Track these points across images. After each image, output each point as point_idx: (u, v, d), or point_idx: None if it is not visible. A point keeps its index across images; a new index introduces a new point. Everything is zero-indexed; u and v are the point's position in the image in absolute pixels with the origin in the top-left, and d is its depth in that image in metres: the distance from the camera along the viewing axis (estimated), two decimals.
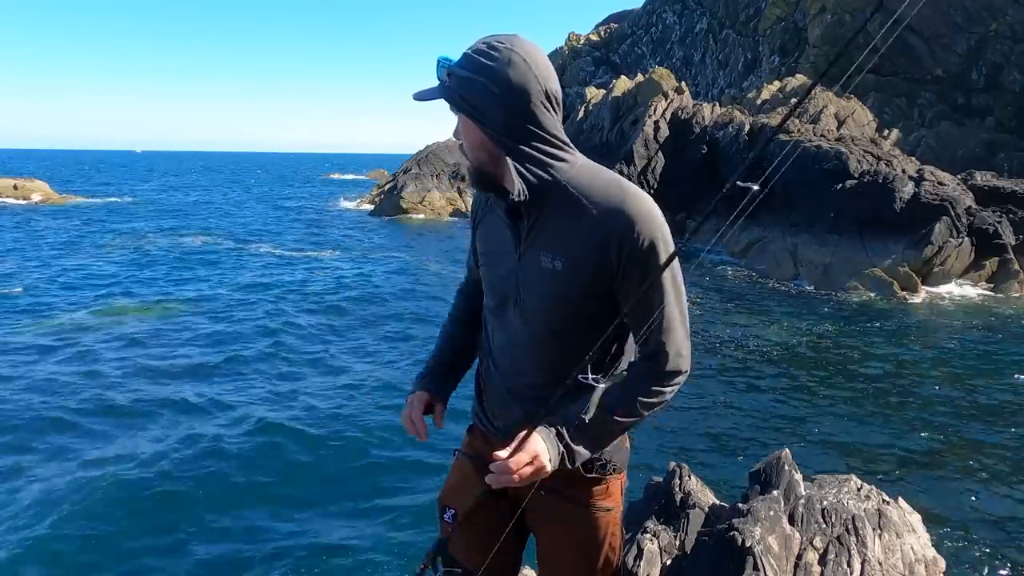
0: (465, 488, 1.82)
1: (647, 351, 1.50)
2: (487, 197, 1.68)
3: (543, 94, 1.45)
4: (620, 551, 1.82)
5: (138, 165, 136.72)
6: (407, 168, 38.38)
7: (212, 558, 5.63)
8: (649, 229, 1.45)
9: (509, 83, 1.42)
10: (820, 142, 21.92)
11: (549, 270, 1.51)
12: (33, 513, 6.20)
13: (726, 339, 12.76)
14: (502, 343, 1.67)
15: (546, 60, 1.48)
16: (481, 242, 1.72)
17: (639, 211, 1.45)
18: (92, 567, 5.52)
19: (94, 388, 9.41)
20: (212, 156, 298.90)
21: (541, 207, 1.51)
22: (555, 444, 1.45)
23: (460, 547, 1.84)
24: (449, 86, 1.47)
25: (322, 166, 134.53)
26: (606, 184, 1.50)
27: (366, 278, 19.09)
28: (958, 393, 10.04)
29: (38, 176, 50.90)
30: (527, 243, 1.55)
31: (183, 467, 7.09)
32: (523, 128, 1.45)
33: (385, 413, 8.75)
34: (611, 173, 1.54)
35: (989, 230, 17.88)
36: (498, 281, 1.65)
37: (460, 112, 1.48)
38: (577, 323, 1.54)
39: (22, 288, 16.50)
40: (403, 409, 1.81)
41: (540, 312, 1.56)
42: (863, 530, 2.78)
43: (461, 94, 1.45)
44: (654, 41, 49.23)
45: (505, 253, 1.61)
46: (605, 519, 1.73)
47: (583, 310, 1.53)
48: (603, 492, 1.71)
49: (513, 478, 1.40)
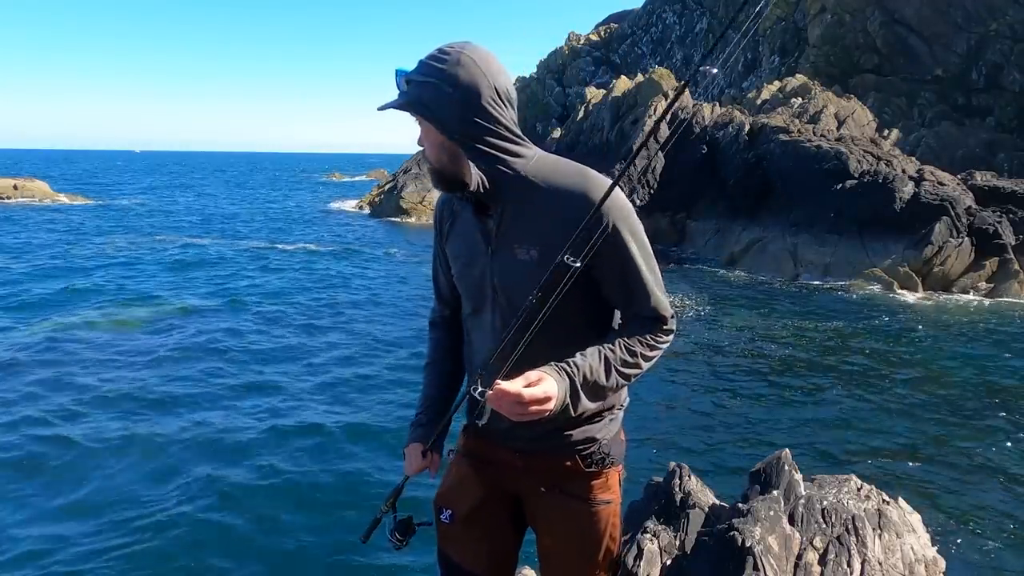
0: (463, 488, 1.82)
1: (631, 313, 1.61)
2: (452, 205, 1.71)
3: (492, 90, 1.50)
4: (620, 542, 1.84)
5: (137, 165, 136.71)
6: (407, 168, 38.39)
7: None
8: (615, 211, 1.51)
9: (458, 82, 1.48)
10: (820, 142, 21.92)
11: (525, 261, 1.55)
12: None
13: (726, 339, 12.76)
14: (483, 345, 1.67)
15: (496, 60, 1.54)
16: (452, 250, 1.73)
17: (601, 194, 1.50)
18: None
19: (87, 388, 9.42)
20: (211, 156, 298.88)
21: (506, 200, 1.56)
22: (564, 389, 1.46)
23: (459, 548, 1.84)
24: (407, 93, 1.53)
25: (322, 166, 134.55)
26: (568, 172, 1.56)
27: (365, 278, 19.10)
28: (958, 393, 10.04)
29: (38, 176, 50.91)
30: (498, 239, 1.58)
31: (183, 466, 7.10)
32: (476, 124, 1.50)
33: (383, 412, 8.76)
34: (573, 163, 1.60)
35: (989, 230, 17.87)
36: (473, 284, 1.66)
37: (418, 115, 1.53)
38: (557, 309, 1.53)
39: (21, 288, 16.51)
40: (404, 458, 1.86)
41: (519, 305, 1.55)
42: (863, 530, 2.78)
43: (418, 98, 1.51)
44: (654, 41, 49.23)
45: (478, 254, 1.63)
46: (606, 511, 1.75)
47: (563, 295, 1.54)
48: (603, 485, 1.73)
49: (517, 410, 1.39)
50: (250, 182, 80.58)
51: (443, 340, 1.92)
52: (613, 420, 1.74)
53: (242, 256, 23.13)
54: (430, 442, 1.83)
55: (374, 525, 1.91)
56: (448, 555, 1.87)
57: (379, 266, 21.36)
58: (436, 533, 1.89)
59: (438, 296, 1.91)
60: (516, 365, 1.46)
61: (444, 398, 1.89)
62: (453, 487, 1.85)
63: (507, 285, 1.59)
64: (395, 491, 1.87)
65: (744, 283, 18.84)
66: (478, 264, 1.63)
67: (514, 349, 1.49)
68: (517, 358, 1.47)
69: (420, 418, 1.88)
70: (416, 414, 1.90)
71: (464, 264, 1.69)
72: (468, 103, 1.49)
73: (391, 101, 1.56)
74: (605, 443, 1.72)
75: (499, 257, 1.59)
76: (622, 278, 1.56)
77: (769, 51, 37.86)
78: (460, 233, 1.70)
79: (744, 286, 18.46)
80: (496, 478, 1.80)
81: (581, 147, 28.43)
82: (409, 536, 1.86)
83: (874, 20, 32.00)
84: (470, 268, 1.67)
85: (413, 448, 1.83)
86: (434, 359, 1.93)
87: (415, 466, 1.83)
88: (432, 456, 1.84)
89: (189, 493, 6.61)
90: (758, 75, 37.42)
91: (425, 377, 1.93)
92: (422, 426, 1.86)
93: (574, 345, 1.54)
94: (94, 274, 18.89)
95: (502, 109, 1.53)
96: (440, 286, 1.89)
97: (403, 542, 1.85)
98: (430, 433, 1.84)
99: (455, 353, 1.89)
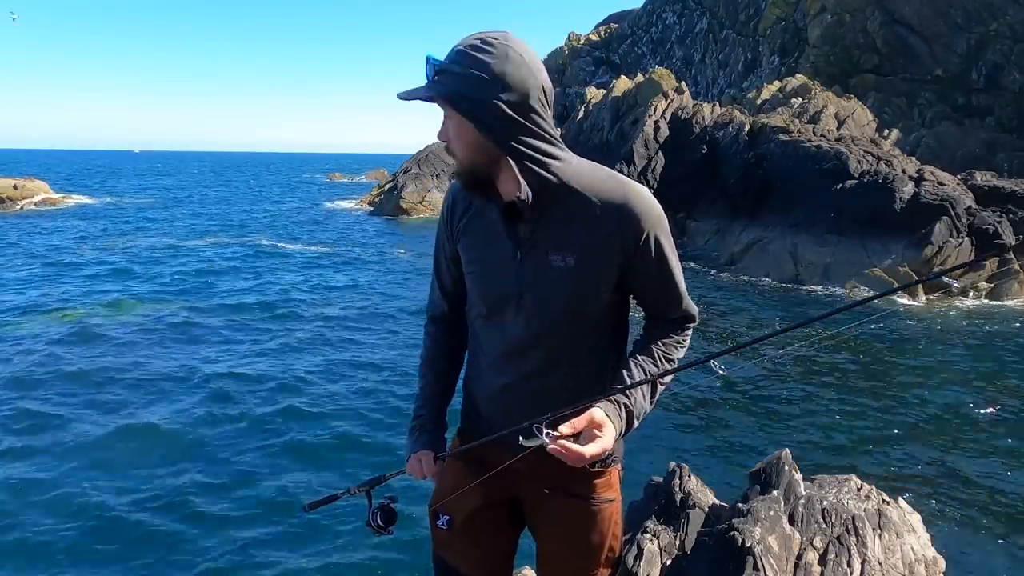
0: (461, 494, 1.76)
1: (661, 312, 1.65)
2: (468, 200, 1.63)
3: (541, 90, 1.42)
4: (622, 540, 1.83)
5: (137, 165, 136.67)
6: (407, 168, 38.37)
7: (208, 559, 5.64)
8: (653, 220, 1.52)
9: (508, 79, 1.37)
10: (820, 142, 21.90)
11: (561, 268, 1.51)
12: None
13: (726, 339, 12.75)
14: (499, 348, 1.64)
15: (537, 57, 1.46)
16: (467, 251, 1.66)
17: (641, 203, 1.51)
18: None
19: (85, 385, 9.42)
20: (211, 156, 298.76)
21: (544, 206, 1.49)
22: (620, 430, 1.49)
23: (457, 553, 1.81)
24: (441, 83, 1.41)
25: (322, 166, 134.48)
26: (606, 180, 1.53)
27: (365, 278, 19.09)
28: (958, 393, 10.04)
29: (38, 176, 50.85)
30: (530, 244, 1.53)
31: (184, 463, 7.10)
32: (522, 126, 1.42)
33: (381, 409, 8.76)
34: (607, 169, 1.58)
35: (989, 230, 17.85)
36: (493, 287, 1.61)
37: (455, 111, 1.42)
38: (585, 315, 1.57)
39: (22, 288, 16.50)
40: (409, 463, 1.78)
41: (549, 310, 1.55)
42: (863, 530, 2.78)
43: (455, 92, 1.40)
44: (654, 41, 49.21)
45: (502, 258, 1.57)
46: (609, 510, 1.74)
47: (595, 301, 1.57)
48: (605, 484, 1.72)
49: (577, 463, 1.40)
50: (250, 182, 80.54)
51: (443, 337, 1.84)
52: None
53: (243, 256, 23.12)
54: (442, 450, 1.76)
55: (327, 500, 1.83)
56: (445, 560, 1.83)
57: (378, 266, 21.34)
58: (432, 539, 1.85)
59: (441, 290, 1.81)
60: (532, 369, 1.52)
61: (444, 399, 1.85)
62: (451, 492, 1.78)
63: (539, 290, 1.54)
64: (374, 479, 1.78)
65: (744, 283, 18.83)
66: (503, 268, 1.57)
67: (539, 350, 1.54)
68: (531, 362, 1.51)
69: (424, 422, 1.79)
70: (417, 415, 1.81)
71: (484, 266, 1.62)
72: (517, 103, 1.39)
73: (417, 90, 1.44)
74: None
75: (530, 262, 1.53)
76: (658, 282, 1.58)
77: (769, 51, 37.84)
78: (480, 232, 1.62)
79: (744, 286, 18.45)
80: (495, 482, 1.74)
81: (581, 147, 28.40)
82: (392, 524, 1.77)
83: (874, 20, 32.00)
84: (492, 271, 1.60)
85: (424, 455, 1.75)
86: (433, 357, 1.85)
87: (427, 472, 1.75)
88: (439, 463, 1.78)
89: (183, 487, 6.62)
90: (758, 75, 37.41)
91: (424, 376, 1.85)
92: (428, 432, 1.78)
93: (595, 342, 1.60)
94: (95, 274, 18.89)
95: (547, 110, 1.46)
96: (443, 281, 1.80)
97: (385, 529, 1.76)
98: (438, 439, 1.78)
99: (454, 352, 1.84)
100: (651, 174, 25.07)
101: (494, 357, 1.66)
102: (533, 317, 1.57)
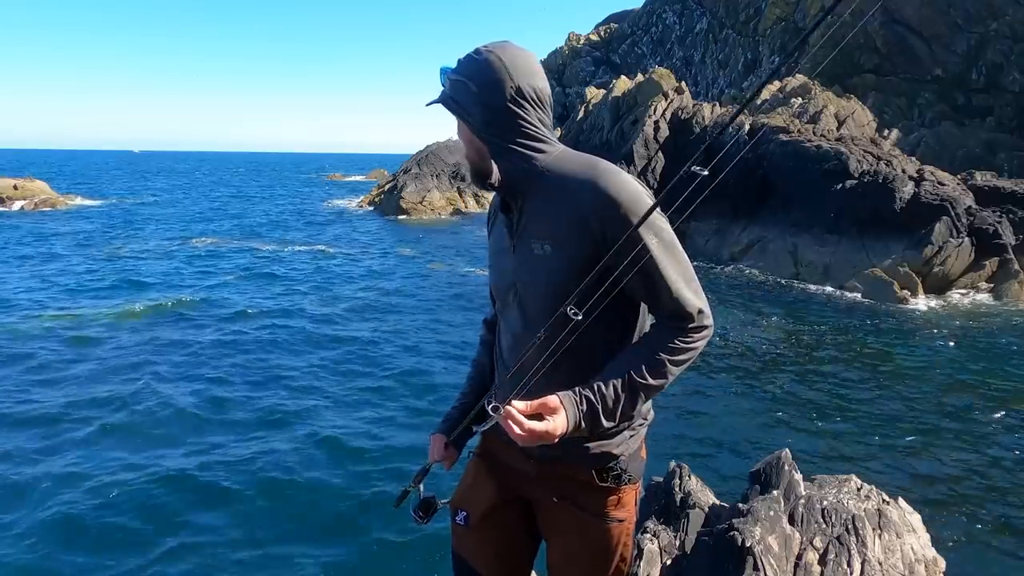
0: (478, 490, 1.82)
1: (661, 315, 1.55)
2: (497, 203, 1.74)
3: (516, 90, 1.52)
4: (631, 563, 1.81)
5: (137, 165, 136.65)
6: (407, 168, 38.39)
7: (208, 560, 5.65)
8: (626, 203, 1.46)
9: (483, 81, 1.52)
10: (820, 142, 21.90)
11: (540, 256, 1.55)
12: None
13: (726, 339, 12.75)
14: (508, 341, 1.70)
15: (527, 61, 1.55)
16: (489, 248, 1.79)
17: (612, 184, 1.48)
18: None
19: (88, 388, 9.43)
20: (211, 156, 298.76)
21: (524, 196, 1.57)
22: (575, 420, 1.46)
23: (472, 550, 1.84)
24: (443, 90, 1.59)
25: (322, 166, 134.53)
26: (580, 164, 1.55)
27: (365, 278, 19.09)
28: (958, 393, 10.04)
29: (38, 176, 50.83)
30: (518, 234, 1.60)
31: (184, 466, 7.11)
32: (501, 123, 1.53)
33: (393, 410, 8.76)
34: (587, 155, 1.59)
35: (989, 230, 17.85)
36: (500, 280, 1.70)
37: (451, 112, 1.57)
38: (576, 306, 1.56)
39: (21, 288, 16.50)
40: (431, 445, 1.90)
41: (537, 299, 1.58)
42: (863, 530, 2.78)
43: (451, 96, 1.57)
44: (654, 41, 49.23)
45: (505, 250, 1.66)
46: (618, 530, 1.70)
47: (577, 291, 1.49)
48: (616, 502, 1.69)
49: (522, 439, 1.42)
50: (251, 182, 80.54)
51: (487, 337, 1.95)
52: (634, 436, 1.69)
53: (243, 256, 23.11)
54: (452, 436, 1.86)
55: (403, 496, 1.98)
56: (462, 557, 1.87)
57: (378, 266, 21.34)
58: (452, 535, 1.89)
59: (489, 294, 1.90)
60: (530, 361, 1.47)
61: (478, 393, 1.92)
62: (469, 489, 1.87)
63: (525, 281, 1.60)
64: (422, 471, 1.92)
65: (744, 283, 18.83)
66: (504, 260, 1.67)
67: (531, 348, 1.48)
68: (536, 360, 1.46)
69: (452, 412, 1.92)
70: (453, 405, 1.94)
71: (495, 261, 1.74)
72: (488, 103, 1.52)
73: (435, 98, 1.61)
74: (624, 459, 1.66)
75: (519, 253, 1.61)
76: (641, 274, 1.46)
77: (769, 51, 37.86)
78: (497, 229, 1.74)
79: (744, 286, 18.45)
80: (511, 482, 1.79)
81: (581, 147, 28.00)
82: (431, 514, 1.90)
83: (874, 20, 32.00)
84: (498, 263, 1.72)
85: (437, 438, 1.87)
86: (477, 357, 1.97)
87: (436, 455, 1.86)
88: (451, 450, 1.86)
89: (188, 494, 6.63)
90: (758, 75, 37.42)
91: (469, 372, 1.97)
92: (449, 420, 1.90)
93: (597, 343, 1.54)
94: (96, 273, 18.89)
95: (527, 109, 1.54)
96: (490, 284, 1.89)
97: (424, 519, 1.89)
98: (453, 428, 1.87)
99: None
100: (651, 174, 25.07)
101: (505, 349, 1.72)
102: (525, 308, 1.61)
